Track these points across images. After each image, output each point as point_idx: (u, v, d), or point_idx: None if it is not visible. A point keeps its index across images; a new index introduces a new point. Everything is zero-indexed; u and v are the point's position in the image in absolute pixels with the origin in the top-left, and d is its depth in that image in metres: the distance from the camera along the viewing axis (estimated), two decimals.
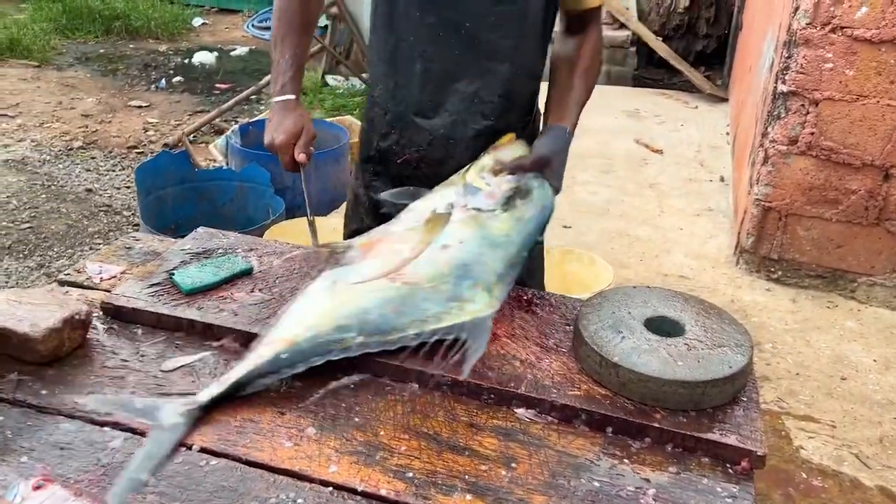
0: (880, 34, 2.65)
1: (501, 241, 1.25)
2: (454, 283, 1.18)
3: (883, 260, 2.95)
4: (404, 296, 1.16)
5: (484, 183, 1.31)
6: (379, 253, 1.22)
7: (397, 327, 1.14)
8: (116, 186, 4.21)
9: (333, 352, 1.12)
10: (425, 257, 1.20)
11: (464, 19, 1.40)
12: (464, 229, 1.25)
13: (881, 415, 2.45)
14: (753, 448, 1.02)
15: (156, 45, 7.06)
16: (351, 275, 1.18)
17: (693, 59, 6.22)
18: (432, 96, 1.47)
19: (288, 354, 1.10)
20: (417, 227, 1.26)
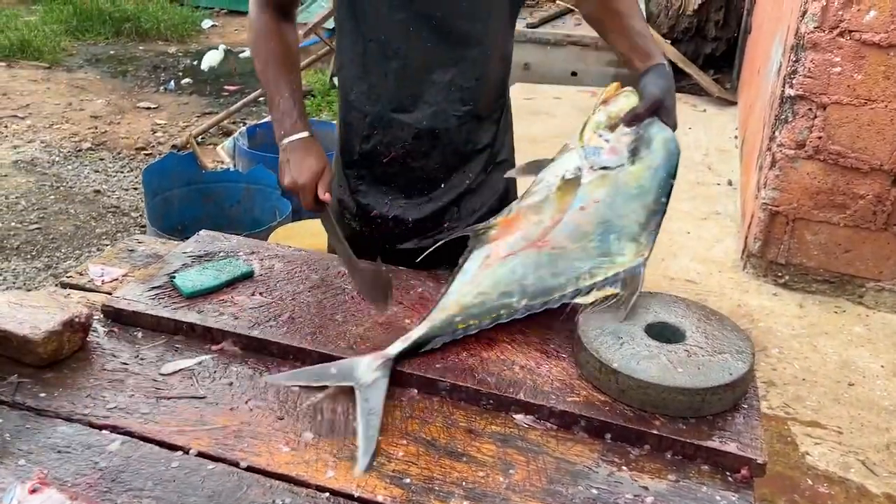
0: (889, 38, 2.62)
1: (636, 192, 1.27)
2: (600, 240, 1.25)
3: (891, 265, 2.92)
4: (555, 259, 1.24)
5: (603, 140, 1.29)
6: (520, 227, 1.28)
7: (556, 287, 1.23)
8: (124, 188, 4.23)
9: (503, 315, 1.23)
10: (566, 222, 1.26)
11: (435, 10, 1.39)
12: (596, 189, 1.27)
13: (889, 421, 2.42)
14: (753, 456, 1.02)
15: (165, 47, 7.10)
16: (500, 249, 1.26)
17: (702, 62, 6.18)
18: (410, 91, 1.45)
19: (461, 318, 1.21)
20: (551, 195, 1.28)
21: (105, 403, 1.09)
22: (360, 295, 1.34)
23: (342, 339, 1.21)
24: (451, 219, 1.53)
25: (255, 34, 1.47)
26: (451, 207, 1.53)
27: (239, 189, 3.63)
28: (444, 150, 1.49)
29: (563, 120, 4.96)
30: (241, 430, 1.05)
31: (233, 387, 1.13)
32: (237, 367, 1.18)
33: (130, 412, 1.07)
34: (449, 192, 1.53)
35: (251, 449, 1.02)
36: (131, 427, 1.05)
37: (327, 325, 1.24)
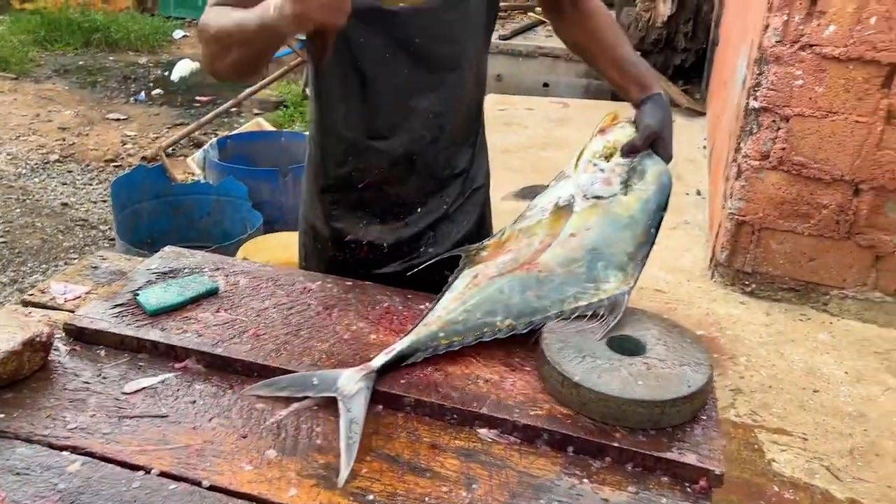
0: (848, 52, 2.69)
1: (626, 222, 1.30)
2: (587, 266, 1.27)
3: (854, 273, 2.98)
4: (542, 282, 1.26)
5: (598, 170, 1.33)
6: (511, 248, 1.31)
7: (539, 309, 1.24)
8: (93, 200, 4.19)
9: (486, 334, 1.23)
10: (555, 247, 1.28)
11: (412, 35, 1.37)
12: (588, 218, 1.30)
13: (852, 427, 2.47)
14: (712, 467, 1.03)
15: (135, 58, 7.05)
16: (490, 269, 1.28)
17: (671, 74, 6.27)
18: (387, 117, 1.43)
19: (445, 333, 1.21)
20: (543, 220, 1.32)
21: (66, 423, 1.08)
22: None
23: (307, 355, 1.21)
24: (428, 244, 1.52)
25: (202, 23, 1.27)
26: (428, 232, 1.52)
27: (209, 201, 3.62)
28: (420, 175, 1.48)
29: (535, 131, 5.01)
30: (204, 449, 1.05)
31: (196, 405, 1.13)
32: (201, 385, 1.17)
33: (91, 432, 1.06)
34: (426, 216, 1.52)
35: (214, 468, 1.02)
36: (92, 447, 1.04)
37: (292, 342, 1.25)
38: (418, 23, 1.37)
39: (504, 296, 1.24)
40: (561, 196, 1.33)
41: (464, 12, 1.41)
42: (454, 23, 1.41)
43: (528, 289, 1.25)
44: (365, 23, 1.34)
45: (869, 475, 2.28)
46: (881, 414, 2.53)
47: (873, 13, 2.62)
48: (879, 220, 2.87)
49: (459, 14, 1.41)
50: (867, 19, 2.64)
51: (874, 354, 2.84)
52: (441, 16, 1.38)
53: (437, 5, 1.37)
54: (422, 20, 1.37)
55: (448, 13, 1.39)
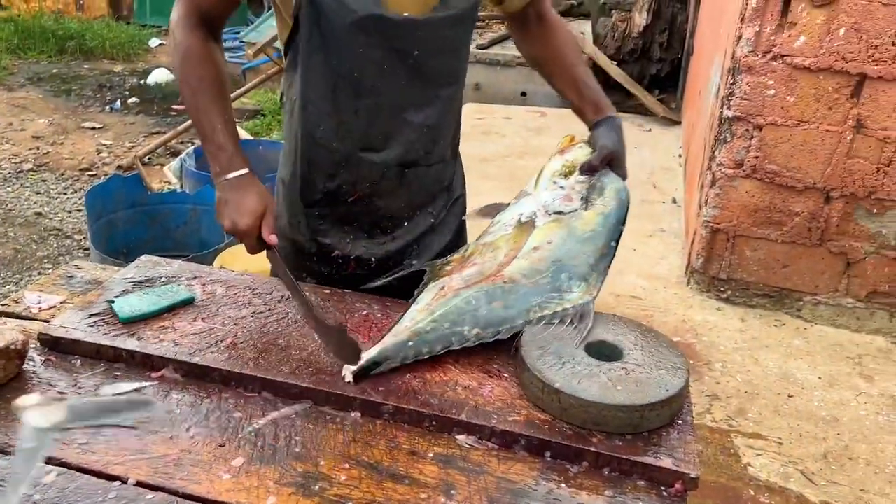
0: (818, 62, 2.74)
1: (588, 236, 1.34)
2: (552, 278, 1.30)
3: (826, 279, 3.03)
4: (507, 291, 1.28)
5: (558, 187, 1.38)
6: (476, 262, 1.33)
7: (506, 318, 1.26)
8: (67, 210, 4.14)
9: (454, 343, 1.23)
10: (520, 260, 1.31)
11: (411, 48, 1.36)
12: (550, 232, 1.34)
13: (826, 431, 2.50)
14: (687, 470, 1.05)
15: (111, 66, 7.00)
16: (455, 282, 1.29)
17: (647, 83, 6.34)
18: (382, 130, 1.42)
19: (413, 343, 1.21)
20: (507, 235, 1.35)
21: None
22: (328, 353, 1.24)
23: (285, 364, 1.21)
24: (412, 256, 1.53)
25: (182, 58, 1.35)
26: (413, 245, 1.53)
27: (186, 210, 3.59)
28: (410, 188, 1.48)
29: (513, 139, 5.04)
30: (181, 459, 1.04)
31: (173, 414, 1.12)
32: (178, 394, 1.17)
33: (67, 442, 1.05)
34: (412, 230, 1.53)
35: (191, 477, 1.01)
36: (67, 458, 1.03)
37: (270, 351, 1.24)
38: (419, 35, 1.36)
39: (471, 306, 1.25)
40: (523, 212, 1.37)
41: (464, 29, 1.43)
42: (454, 38, 1.41)
43: (494, 299, 1.26)
44: (365, 32, 1.32)
45: (842, 479, 2.31)
46: (853, 418, 2.57)
47: (842, 25, 2.68)
48: (850, 228, 2.93)
49: (460, 30, 1.42)
50: (836, 31, 2.69)
51: (847, 359, 2.89)
52: (441, 29, 1.38)
53: (439, 18, 1.36)
54: (423, 32, 1.36)
55: (450, 28, 1.39)
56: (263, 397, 1.17)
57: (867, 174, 2.83)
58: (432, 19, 1.36)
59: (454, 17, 1.37)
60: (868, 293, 3.00)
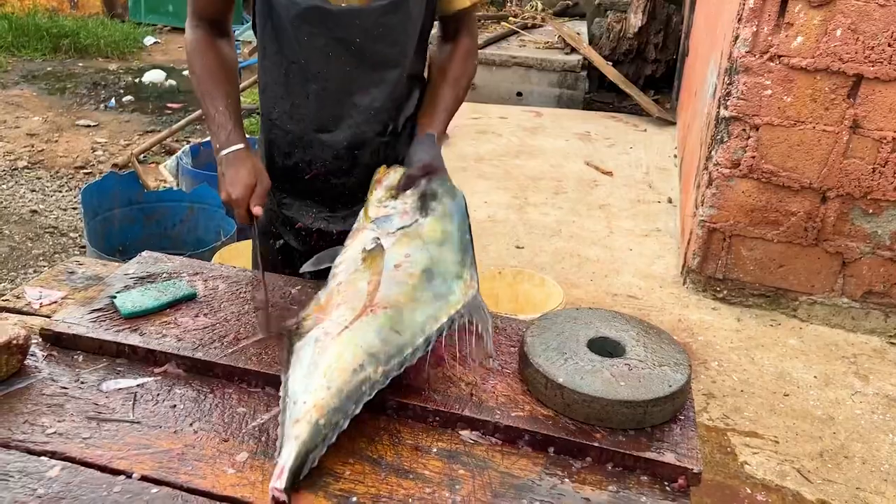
0: (815, 63, 2.76)
1: (441, 237, 1.30)
2: (427, 287, 1.22)
3: (822, 279, 3.05)
4: (392, 317, 1.16)
5: (390, 209, 1.35)
6: (339, 302, 1.19)
7: (404, 344, 1.14)
8: (63, 208, 4.12)
9: (365, 392, 1.08)
10: (386, 282, 1.21)
11: (353, 35, 1.44)
12: (403, 247, 1.27)
13: (821, 430, 2.52)
14: (690, 466, 1.05)
15: (105, 64, 6.96)
16: (330, 327, 1.15)
17: (642, 84, 6.37)
18: (331, 112, 1.50)
19: (324, 419, 1.04)
20: (359, 268, 1.25)
21: (44, 429, 1.06)
22: (256, 317, 1.28)
23: None
24: None
25: (190, 50, 1.50)
26: None
27: (182, 209, 3.58)
28: (363, 167, 1.53)
29: (508, 139, 5.04)
30: (186, 453, 1.04)
31: (176, 409, 1.12)
32: (181, 389, 1.17)
33: (70, 437, 1.05)
34: None
35: (196, 471, 1.01)
36: (71, 452, 1.03)
37: (272, 346, 1.24)
38: (359, 23, 1.43)
39: (363, 347, 1.12)
40: (365, 243, 1.30)
41: (404, 15, 1.47)
42: (394, 24, 1.47)
43: (382, 330, 1.14)
44: (308, 23, 1.43)
45: (838, 477, 2.32)
46: (849, 417, 2.59)
47: (839, 25, 2.69)
48: (846, 228, 2.94)
49: (399, 16, 1.46)
50: (833, 31, 2.71)
51: (842, 359, 2.90)
52: (381, 17, 1.44)
53: (378, 6, 1.43)
54: (363, 20, 1.43)
55: (388, 15, 1.45)
56: (266, 392, 1.17)
57: (863, 174, 2.84)
58: (369, 8, 1.43)
59: (390, 5, 1.44)
60: (863, 293, 3.02)
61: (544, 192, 4.27)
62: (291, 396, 1.07)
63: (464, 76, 1.59)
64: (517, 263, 3.41)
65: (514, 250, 3.57)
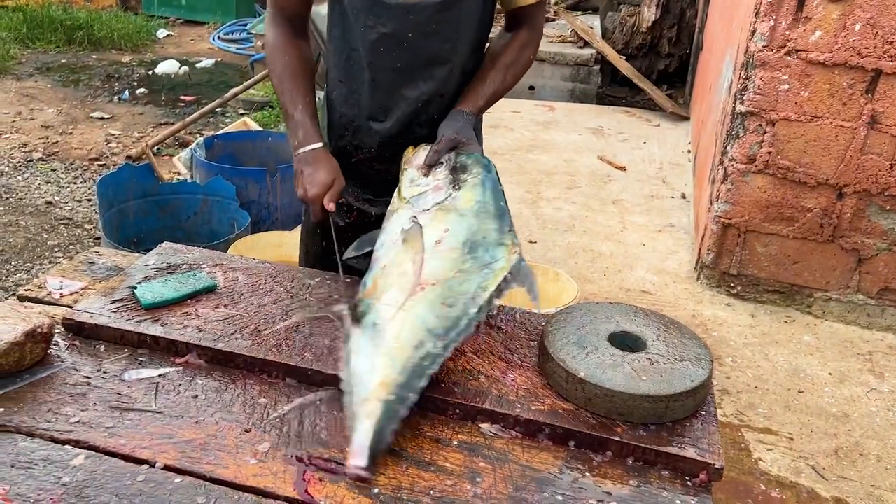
0: (833, 58, 2.73)
1: (477, 207, 1.32)
2: (472, 259, 1.24)
3: (837, 276, 3.03)
4: (442, 293, 1.19)
5: (423, 186, 1.38)
6: (388, 285, 1.22)
7: (459, 316, 1.16)
8: (77, 199, 4.14)
9: (428, 367, 1.11)
10: (429, 259, 1.24)
11: (405, 31, 1.46)
12: (441, 222, 1.30)
13: (836, 427, 2.51)
14: (711, 461, 1.05)
15: (119, 57, 6.98)
16: (382, 311, 1.17)
17: (655, 78, 6.34)
18: (381, 103, 1.55)
19: (393, 396, 1.06)
20: (401, 248, 1.28)
21: (67, 418, 1.07)
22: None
23: (309, 350, 1.21)
24: None
25: (269, 49, 1.55)
26: None
27: (196, 201, 3.59)
28: None
29: (521, 133, 5.03)
30: (208, 443, 1.05)
31: (198, 399, 1.13)
32: (202, 379, 1.17)
33: (94, 426, 1.06)
34: None
35: (218, 462, 1.02)
36: (95, 441, 1.03)
37: (293, 338, 1.25)
38: (412, 18, 1.45)
39: (419, 324, 1.15)
40: (402, 224, 1.32)
41: (456, 12, 1.47)
42: (447, 21, 1.47)
43: (435, 306, 1.17)
44: (365, 14, 1.45)
45: (853, 474, 2.31)
46: (864, 414, 2.57)
47: (857, 20, 2.67)
48: (862, 224, 2.92)
49: (452, 14, 1.47)
50: (852, 25, 2.68)
51: (857, 356, 2.89)
52: (434, 14, 1.45)
53: (432, 3, 1.44)
54: (416, 16, 1.45)
55: (441, 13, 1.45)
56: (287, 383, 1.18)
57: (881, 170, 2.82)
58: (422, 4, 1.44)
59: (442, 4, 1.44)
60: (879, 290, 3.00)
61: (557, 186, 4.26)
62: (355, 378, 1.10)
63: (514, 65, 1.58)
64: (530, 258, 3.41)
65: (527, 245, 3.56)
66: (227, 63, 6.96)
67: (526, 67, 1.63)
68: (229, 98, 5.25)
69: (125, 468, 1.00)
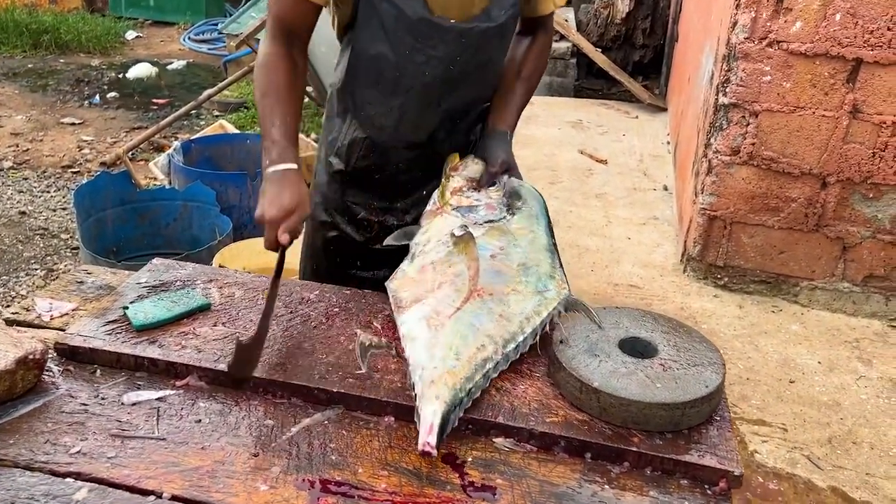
0: (814, 48, 2.74)
1: (531, 237, 1.36)
2: (526, 282, 1.27)
3: (822, 264, 3.05)
4: (500, 304, 1.22)
5: (474, 200, 1.41)
6: (440, 281, 1.26)
7: (516, 332, 1.20)
8: (52, 208, 4.05)
9: (490, 370, 1.15)
10: (486, 269, 1.27)
11: (455, 53, 1.43)
12: (494, 239, 1.35)
13: (829, 416, 2.52)
14: (731, 468, 1.04)
15: (87, 60, 6.84)
16: (443, 307, 1.21)
17: (631, 70, 6.34)
18: (413, 120, 1.53)
19: (459, 385, 1.09)
20: (452, 251, 1.30)
21: (67, 449, 1.03)
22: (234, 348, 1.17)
23: (314, 368, 1.18)
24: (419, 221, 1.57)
25: (260, 63, 1.45)
26: None
27: (176, 207, 3.53)
28: (428, 161, 1.56)
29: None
30: (216, 470, 1.01)
31: (202, 424, 1.09)
32: (205, 402, 1.14)
33: (95, 457, 1.02)
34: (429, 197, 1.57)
35: (228, 489, 0.98)
36: (98, 473, 0.99)
37: (296, 356, 1.21)
38: (465, 41, 1.42)
39: (480, 329, 1.17)
40: (453, 227, 1.35)
41: (506, 30, 1.48)
42: (493, 40, 1.47)
43: (493, 314, 1.20)
44: (413, 36, 1.39)
45: (848, 463, 2.33)
46: (855, 402, 2.59)
47: (838, 10, 2.68)
48: (846, 213, 2.94)
49: (500, 32, 1.47)
50: (832, 16, 2.69)
51: (845, 343, 2.91)
52: (484, 34, 1.43)
53: (487, 27, 1.42)
54: (468, 39, 1.42)
55: (492, 35, 1.45)
56: (293, 403, 1.14)
57: (863, 159, 2.84)
58: (479, 28, 1.42)
59: (498, 27, 1.44)
60: (864, 277, 3.02)
61: (540, 181, 4.24)
62: (416, 365, 1.13)
63: (536, 72, 1.62)
64: None
65: None
66: (200, 64, 6.85)
67: (543, 72, 1.66)
68: (203, 100, 5.18)
69: (131, 500, 0.96)
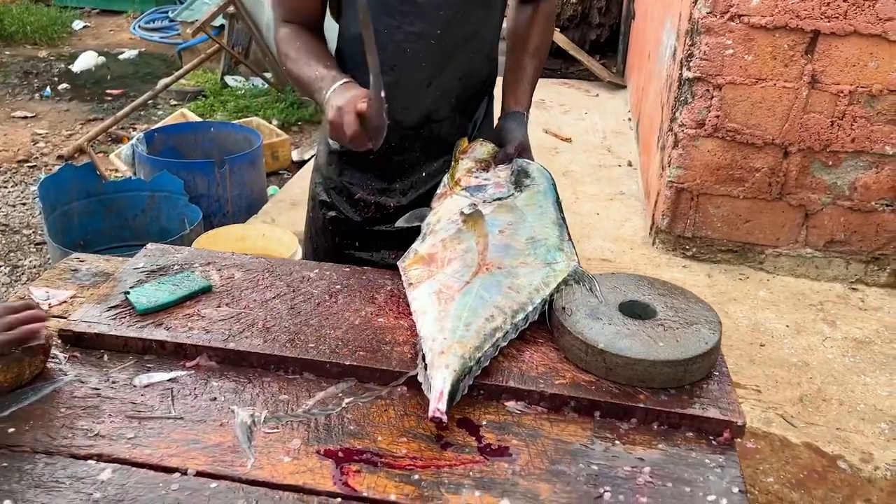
0: (774, 21, 2.82)
1: (539, 211, 1.39)
2: (535, 255, 1.30)
3: (786, 232, 3.15)
4: (509, 277, 1.25)
5: (482, 179, 1.42)
6: (450, 257, 1.28)
7: (525, 303, 1.22)
8: (11, 204, 3.95)
9: (499, 339, 1.17)
10: (494, 244, 1.30)
11: (434, 27, 1.41)
12: (502, 215, 1.36)
13: (798, 376, 2.62)
14: (734, 419, 1.08)
15: (34, 52, 6.66)
16: (451, 281, 1.23)
17: (588, 49, 6.41)
18: (404, 99, 1.50)
19: (468, 354, 1.11)
20: (461, 228, 1.33)
21: (85, 432, 1.03)
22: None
23: (322, 343, 1.20)
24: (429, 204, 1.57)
25: (281, 42, 1.46)
26: (432, 194, 1.56)
27: (143, 198, 3.48)
28: (425, 143, 1.55)
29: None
30: (237, 446, 1.02)
31: (217, 402, 1.10)
32: (217, 381, 1.14)
33: (115, 438, 1.02)
34: (429, 180, 1.58)
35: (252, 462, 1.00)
36: (119, 453, 1.00)
37: (303, 332, 1.23)
38: (442, 14, 1.41)
39: (489, 300, 1.20)
40: (462, 206, 1.38)
41: (489, 1, 1.46)
42: (479, 11, 1.46)
43: (502, 286, 1.23)
44: (389, 15, 1.39)
45: (819, 419, 2.43)
46: (822, 361, 2.70)
47: None
48: (807, 181, 3.04)
49: (485, 3, 1.45)
50: None
51: (810, 307, 3.02)
52: (464, 7, 1.42)
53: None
54: (446, 11, 1.41)
55: (476, 3, 1.43)
56: (305, 378, 1.16)
57: (822, 128, 2.94)
58: (454, 1, 1.40)
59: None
60: (826, 243, 3.13)
61: None
62: (427, 337, 1.15)
63: (544, 44, 1.58)
64: None
65: None
66: (152, 53, 6.72)
67: (551, 38, 1.63)
68: (161, 90, 5.09)
69: (156, 478, 0.97)
